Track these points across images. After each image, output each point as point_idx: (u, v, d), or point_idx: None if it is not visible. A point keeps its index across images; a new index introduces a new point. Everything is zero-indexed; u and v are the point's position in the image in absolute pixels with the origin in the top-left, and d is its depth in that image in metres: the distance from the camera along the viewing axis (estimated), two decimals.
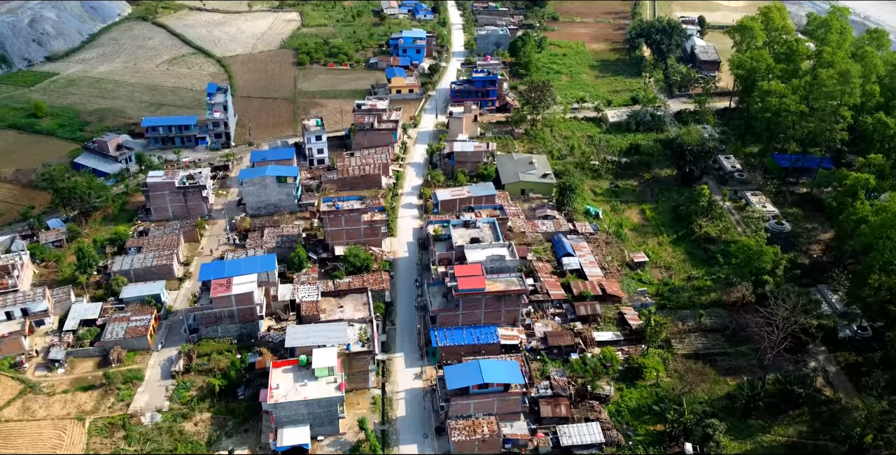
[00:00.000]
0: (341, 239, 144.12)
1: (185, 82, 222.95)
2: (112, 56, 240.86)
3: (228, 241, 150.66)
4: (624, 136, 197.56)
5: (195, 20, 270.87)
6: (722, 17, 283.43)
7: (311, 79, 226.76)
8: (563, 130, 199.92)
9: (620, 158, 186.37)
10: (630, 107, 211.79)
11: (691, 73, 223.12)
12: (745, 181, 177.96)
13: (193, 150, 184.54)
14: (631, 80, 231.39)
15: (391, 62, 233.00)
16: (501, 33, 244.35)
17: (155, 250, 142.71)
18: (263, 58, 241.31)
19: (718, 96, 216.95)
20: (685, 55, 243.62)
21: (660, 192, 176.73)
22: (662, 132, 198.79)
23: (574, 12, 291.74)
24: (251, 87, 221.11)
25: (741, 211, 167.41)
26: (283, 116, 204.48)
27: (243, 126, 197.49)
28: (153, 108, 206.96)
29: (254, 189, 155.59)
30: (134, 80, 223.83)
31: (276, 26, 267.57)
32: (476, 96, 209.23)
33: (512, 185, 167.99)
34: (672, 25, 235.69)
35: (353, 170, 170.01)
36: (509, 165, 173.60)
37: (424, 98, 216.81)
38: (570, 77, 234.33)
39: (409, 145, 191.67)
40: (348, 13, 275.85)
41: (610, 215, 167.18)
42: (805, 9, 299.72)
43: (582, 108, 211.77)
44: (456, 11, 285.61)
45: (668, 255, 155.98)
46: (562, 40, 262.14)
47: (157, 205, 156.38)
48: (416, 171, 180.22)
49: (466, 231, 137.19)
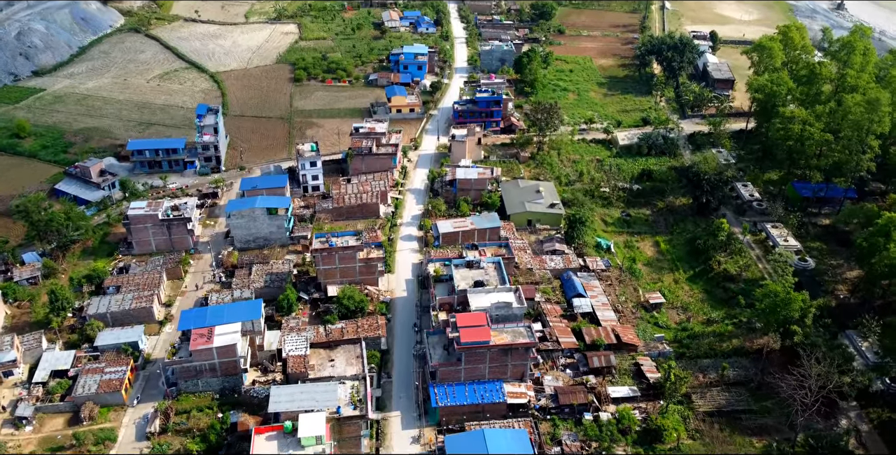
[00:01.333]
0: (335, 277, 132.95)
1: (175, 99, 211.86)
2: (102, 70, 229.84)
3: (214, 278, 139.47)
4: (635, 160, 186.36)
5: (189, 32, 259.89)
6: (733, 31, 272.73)
7: (307, 96, 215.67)
8: (571, 154, 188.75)
9: (632, 185, 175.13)
10: (641, 128, 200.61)
11: (705, 93, 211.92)
12: (764, 211, 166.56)
13: (181, 175, 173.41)
14: (641, 99, 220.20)
15: (391, 79, 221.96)
16: (506, 49, 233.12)
17: (134, 290, 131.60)
18: (259, 73, 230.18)
19: (733, 117, 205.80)
20: (697, 72, 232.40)
21: (674, 222, 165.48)
22: (675, 156, 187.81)
23: (580, 25, 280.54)
24: (245, 105, 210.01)
25: (761, 244, 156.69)
26: (278, 137, 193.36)
27: (235, 148, 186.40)
28: (141, 127, 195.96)
29: (242, 222, 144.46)
30: (123, 97, 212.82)
31: (273, 39, 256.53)
32: (479, 117, 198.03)
33: (518, 216, 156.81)
34: (684, 42, 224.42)
35: (349, 198, 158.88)
36: (515, 193, 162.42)
37: (426, 118, 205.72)
38: (578, 95, 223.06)
39: (409, 169, 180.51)
40: (348, 26, 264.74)
41: (622, 249, 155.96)
42: (818, 22, 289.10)
43: (590, 129, 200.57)
44: (459, 24, 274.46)
45: (685, 294, 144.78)
46: (568, 55, 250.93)
47: (140, 238, 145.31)
48: (417, 198, 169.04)
49: (470, 272, 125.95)
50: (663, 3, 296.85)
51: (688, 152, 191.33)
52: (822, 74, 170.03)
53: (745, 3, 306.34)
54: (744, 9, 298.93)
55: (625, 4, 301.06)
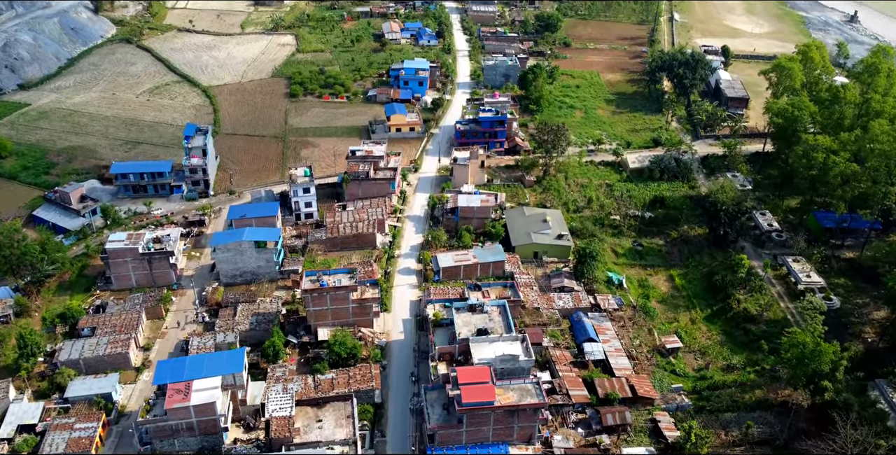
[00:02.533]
0: (326, 319, 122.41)
1: (165, 116, 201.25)
2: (90, 84, 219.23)
3: (197, 317, 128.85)
4: (646, 185, 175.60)
5: (183, 43, 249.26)
6: (744, 45, 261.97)
7: (303, 113, 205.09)
8: (579, 177, 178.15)
9: (644, 213, 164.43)
10: (652, 150, 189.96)
11: (718, 112, 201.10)
12: (784, 243, 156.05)
13: (167, 200, 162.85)
14: (651, 117, 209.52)
15: (391, 95, 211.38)
16: (511, 64, 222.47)
17: (111, 332, 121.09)
18: (253, 88, 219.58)
19: (748, 138, 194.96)
20: (709, 89, 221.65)
21: (689, 254, 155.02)
22: (689, 181, 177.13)
23: (587, 38, 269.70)
24: (237, 122, 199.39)
25: (782, 280, 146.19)
26: (271, 158, 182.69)
27: (226, 170, 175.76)
28: (128, 147, 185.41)
29: (228, 255, 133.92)
30: (111, 113, 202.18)
31: (269, 51, 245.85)
32: (482, 137, 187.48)
33: (523, 248, 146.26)
34: (696, 58, 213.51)
35: (344, 228, 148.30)
36: (520, 223, 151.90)
37: (427, 137, 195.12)
38: (585, 113, 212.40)
39: (408, 194, 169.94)
40: (347, 37, 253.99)
41: (635, 284, 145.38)
42: (832, 36, 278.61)
43: (599, 151, 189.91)
44: (462, 36, 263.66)
45: (703, 336, 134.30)
46: (574, 70, 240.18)
47: (119, 273, 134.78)
48: (416, 226, 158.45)
49: (472, 317, 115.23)
50: (672, 15, 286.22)
51: (701, 176, 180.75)
52: (845, 98, 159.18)
53: (757, 16, 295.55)
54: (755, 21, 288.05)
55: (632, 16, 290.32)
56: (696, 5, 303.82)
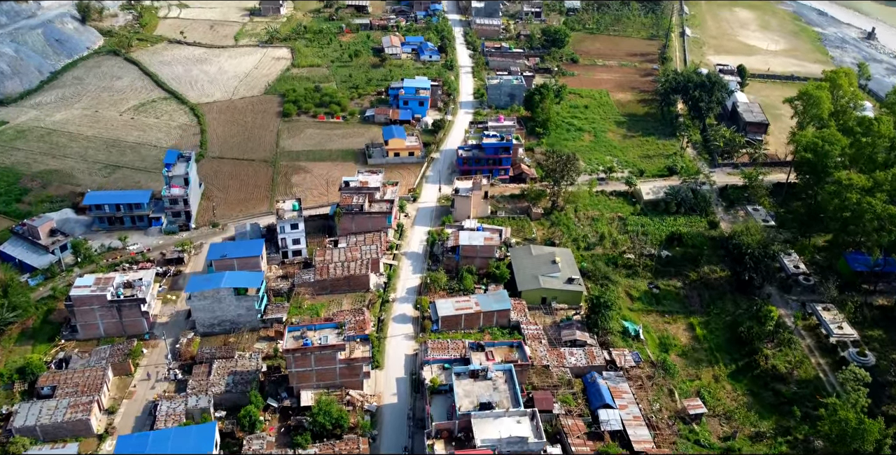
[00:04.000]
0: (310, 381, 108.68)
1: (149, 136, 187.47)
2: (72, 100, 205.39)
3: (168, 374, 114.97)
4: (662, 219, 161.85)
5: (173, 56, 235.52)
6: (759, 63, 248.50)
7: (296, 134, 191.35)
8: (590, 209, 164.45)
9: (660, 252, 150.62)
10: (666, 179, 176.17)
11: (736, 138, 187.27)
12: (812, 288, 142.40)
13: (145, 233, 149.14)
14: (664, 142, 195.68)
15: (390, 115, 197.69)
16: (516, 83, 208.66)
17: (73, 393, 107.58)
18: (244, 106, 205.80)
19: (768, 166, 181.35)
20: (725, 112, 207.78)
21: (710, 299, 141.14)
22: (707, 215, 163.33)
23: (595, 53, 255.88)
24: (226, 144, 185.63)
25: (812, 332, 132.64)
26: (259, 185, 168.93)
27: (210, 199, 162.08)
28: (107, 171, 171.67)
29: (205, 303, 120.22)
30: (91, 133, 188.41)
31: (263, 65, 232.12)
32: (486, 164, 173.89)
33: (531, 293, 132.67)
34: (713, 80, 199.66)
35: (335, 268, 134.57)
36: (527, 263, 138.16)
37: (427, 161, 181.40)
38: (594, 136, 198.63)
39: (406, 227, 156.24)
40: (345, 51, 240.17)
41: (652, 335, 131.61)
42: (849, 53, 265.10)
43: (610, 179, 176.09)
44: (465, 51, 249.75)
45: (728, 396, 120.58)
46: (583, 88, 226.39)
47: (85, 321, 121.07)
48: (414, 264, 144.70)
49: (474, 385, 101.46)
50: (683, 30, 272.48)
51: (720, 209, 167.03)
52: (879, 131, 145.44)
53: (771, 32, 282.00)
54: (770, 38, 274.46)
55: (642, 30, 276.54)
56: (708, 20, 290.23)
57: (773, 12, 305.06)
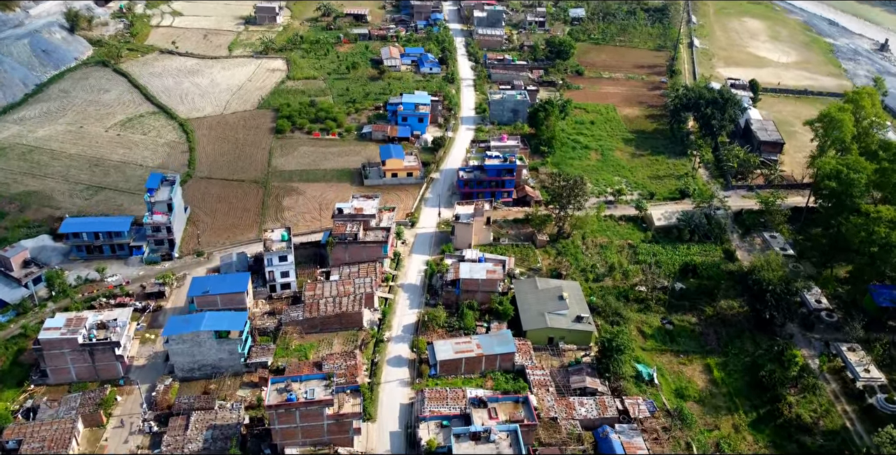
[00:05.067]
0: (295, 438, 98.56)
1: (135, 155, 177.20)
2: (57, 114, 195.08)
3: (143, 426, 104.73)
4: (675, 247, 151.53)
5: (164, 67, 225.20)
6: (770, 76, 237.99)
7: (289, 152, 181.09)
8: (598, 235, 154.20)
9: (673, 284, 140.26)
10: (678, 202, 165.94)
11: (751, 159, 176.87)
12: (836, 325, 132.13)
13: (125, 263, 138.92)
14: (675, 161, 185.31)
15: (388, 132, 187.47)
16: (519, 99, 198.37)
17: (39, 450, 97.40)
18: (235, 121, 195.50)
19: (784, 189, 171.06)
20: (738, 129, 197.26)
21: (727, 337, 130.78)
22: (722, 242, 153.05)
23: (601, 65, 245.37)
24: (215, 163, 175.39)
25: (837, 375, 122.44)
26: (249, 208, 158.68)
27: (196, 224, 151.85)
28: (89, 192, 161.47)
29: (184, 347, 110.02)
30: (75, 150, 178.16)
31: (257, 77, 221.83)
32: (488, 186, 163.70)
33: (536, 333, 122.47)
34: (726, 97, 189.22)
35: (325, 304, 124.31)
36: (532, 299, 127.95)
37: (426, 182, 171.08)
38: (601, 154, 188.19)
39: (403, 256, 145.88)
40: (342, 63, 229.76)
41: (667, 378, 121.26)
42: (863, 66, 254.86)
43: (619, 202, 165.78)
44: (466, 63, 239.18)
45: (749, 448, 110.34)
46: (588, 103, 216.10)
47: (55, 366, 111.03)
48: (411, 298, 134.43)
49: (475, 448, 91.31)
50: (692, 41, 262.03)
51: (735, 236, 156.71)
52: None
53: (782, 43, 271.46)
54: (780, 49, 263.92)
55: (649, 41, 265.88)
56: (717, 30, 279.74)
57: (783, 22, 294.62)
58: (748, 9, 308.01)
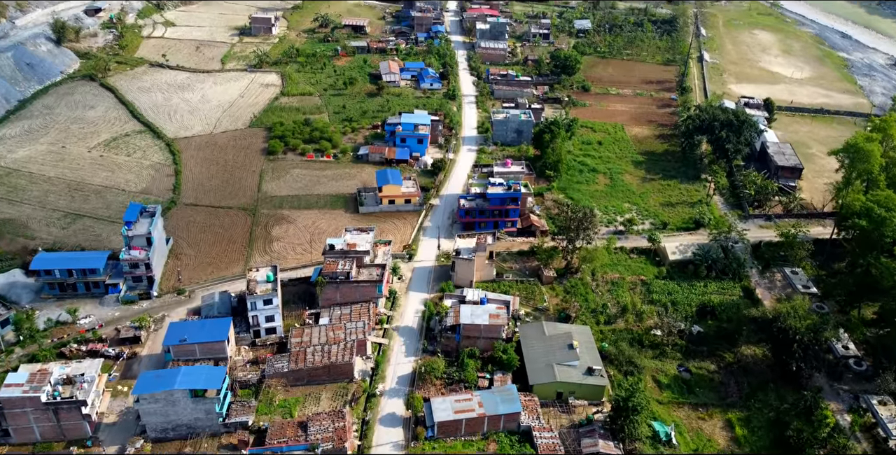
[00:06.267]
0: None
1: (118, 178, 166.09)
2: (39, 133, 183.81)
3: None
4: (691, 285, 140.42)
5: (153, 81, 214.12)
6: (784, 92, 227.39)
7: (281, 176, 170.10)
8: (608, 270, 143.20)
9: (690, 327, 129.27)
10: (692, 233, 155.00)
11: (769, 185, 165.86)
12: (865, 375, 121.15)
13: (100, 303, 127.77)
14: (688, 187, 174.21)
15: (385, 154, 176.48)
16: (524, 119, 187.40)
17: None
18: (226, 141, 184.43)
19: (804, 218, 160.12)
20: (753, 152, 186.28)
21: (749, 388, 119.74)
22: (741, 279, 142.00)
23: (608, 81, 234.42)
24: (201, 188, 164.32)
25: (868, 433, 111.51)
26: (235, 239, 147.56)
27: (178, 257, 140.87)
28: (67, 221, 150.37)
29: (157, 407, 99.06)
30: (55, 173, 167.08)
31: (250, 92, 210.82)
32: (491, 215, 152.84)
33: (544, 387, 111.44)
34: (741, 119, 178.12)
35: (313, 353, 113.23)
36: (539, 347, 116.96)
37: (425, 209, 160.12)
38: (610, 178, 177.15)
39: (399, 294, 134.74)
40: (339, 78, 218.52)
41: (686, 436, 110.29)
42: (879, 83, 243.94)
43: (630, 233, 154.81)
44: (468, 78, 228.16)
45: None
46: (595, 121, 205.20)
47: (18, 425, 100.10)
48: (407, 343, 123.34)
49: None
50: (701, 54, 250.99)
51: (754, 272, 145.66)
52: None
53: (794, 57, 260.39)
54: (793, 63, 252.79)
55: (657, 54, 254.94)
56: (727, 43, 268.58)
57: (794, 35, 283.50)
58: (758, 20, 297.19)
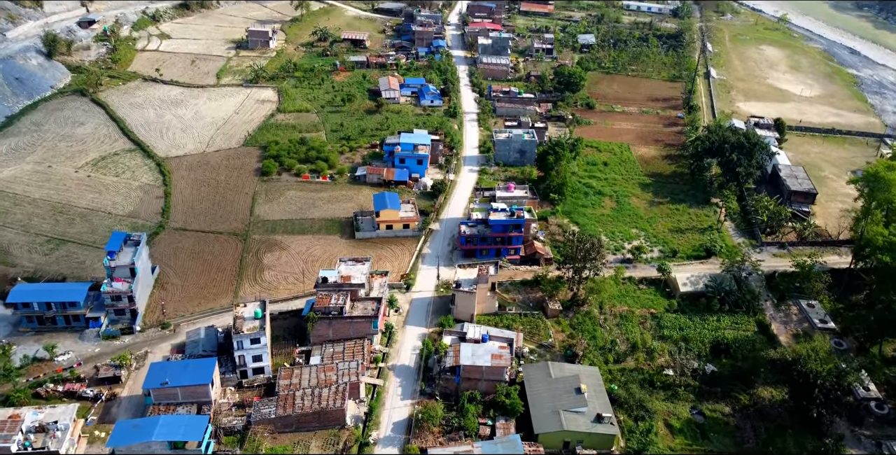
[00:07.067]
0: None
1: (105, 200, 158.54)
2: (25, 151, 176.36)
3: None
4: (703, 318, 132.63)
5: (146, 96, 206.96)
6: (793, 111, 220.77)
7: (275, 198, 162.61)
8: (616, 302, 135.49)
9: (703, 365, 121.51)
10: (703, 262, 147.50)
11: (782, 211, 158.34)
12: (888, 419, 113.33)
13: (80, 338, 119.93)
14: (697, 211, 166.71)
15: (384, 175, 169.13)
16: (527, 139, 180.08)
17: None
18: (218, 161, 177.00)
19: (818, 246, 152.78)
20: (764, 175, 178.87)
21: (767, 434, 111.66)
22: (755, 313, 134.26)
23: (612, 97, 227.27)
24: (191, 211, 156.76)
25: None
26: (224, 268, 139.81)
27: (164, 287, 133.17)
28: (49, 247, 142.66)
29: None
30: (40, 194, 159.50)
31: (245, 109, 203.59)
32: (493, 243, 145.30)
33: (550, 436, 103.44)
34: (753, 142, 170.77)
35: (302, 398, 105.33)
36: (544, 391, 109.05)
37: (424, 235, 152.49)
38: (616, 201, 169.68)
39: (396, 328, 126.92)
40: (337, 94, 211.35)
41: None
42: (890, 101, 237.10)
43: (638, 261, 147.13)
44: (470, 94, 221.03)
45: None
46: (601, 141, 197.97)
47: None
48: (404, 384, 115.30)
49: None
50: (708, 71, 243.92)
51: (769, 304, 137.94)
52: None
53: (803, 73, 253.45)
54: (802, 80, 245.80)
55: (663, 70, 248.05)
56: (734, 59, 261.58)
57: (802, 51, 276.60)
58: (765, 35, 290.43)
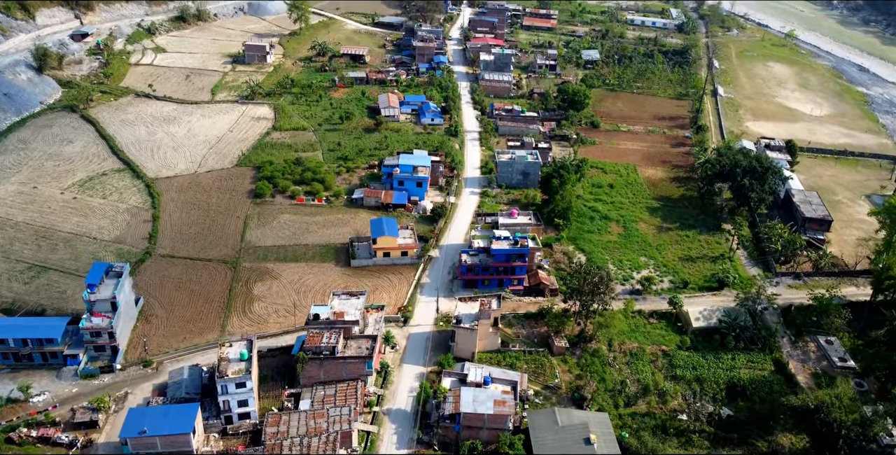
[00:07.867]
0: None
1: (90, 224, 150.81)
2: (11, 171, 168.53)
3: None
4: (717, 357, 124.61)
5: (138, 113, 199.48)
6: (803, 132, 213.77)
7: (267, 222, 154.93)
8: (626, 338, 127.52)
9: (719, 408, 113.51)
10: (716, 294, 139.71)
11: (796, 239, 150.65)
12: None
13: (57, 376, 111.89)
14: (708, 238, 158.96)
15: (382, 198, 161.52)
16: (530, 161, 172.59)
17: None
18: (210, 182, 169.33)
19: (834, 277, 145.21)
20: (776, 200, 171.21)
21: None
22: (772, 351, 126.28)
23: (618, 116, 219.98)
24: (180, 236, 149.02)
25: None
26: (212, 299, 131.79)
27: (147, 319, 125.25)
28: (30, 275, 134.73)
29: None
30: (23, 218, 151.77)
31: (239, 127, 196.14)
32: (495, 273, 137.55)
33: None
34: (765, 166, 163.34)
35: (290, 448, 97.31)
36: (551, 441, 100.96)
37: (423, 262, 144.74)
38: (623, 227, 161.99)
39: (392, 367, 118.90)
40: (335, 111, 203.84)
41: None
42: None
43: (648, 292, 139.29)
44: (471, 112, 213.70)
45: None
46: (606, 161, 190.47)
47: None
48: (400, 431, 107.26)
49: None
50: (715, 88, 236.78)
51: (787, 342, 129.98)
52: None
53: (812, 91, 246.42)
54: (811, 99, 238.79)
55: (668, 88, 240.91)
56: (741, 76, 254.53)
57: (811, 68, 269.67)
58: (772, 52, 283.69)
